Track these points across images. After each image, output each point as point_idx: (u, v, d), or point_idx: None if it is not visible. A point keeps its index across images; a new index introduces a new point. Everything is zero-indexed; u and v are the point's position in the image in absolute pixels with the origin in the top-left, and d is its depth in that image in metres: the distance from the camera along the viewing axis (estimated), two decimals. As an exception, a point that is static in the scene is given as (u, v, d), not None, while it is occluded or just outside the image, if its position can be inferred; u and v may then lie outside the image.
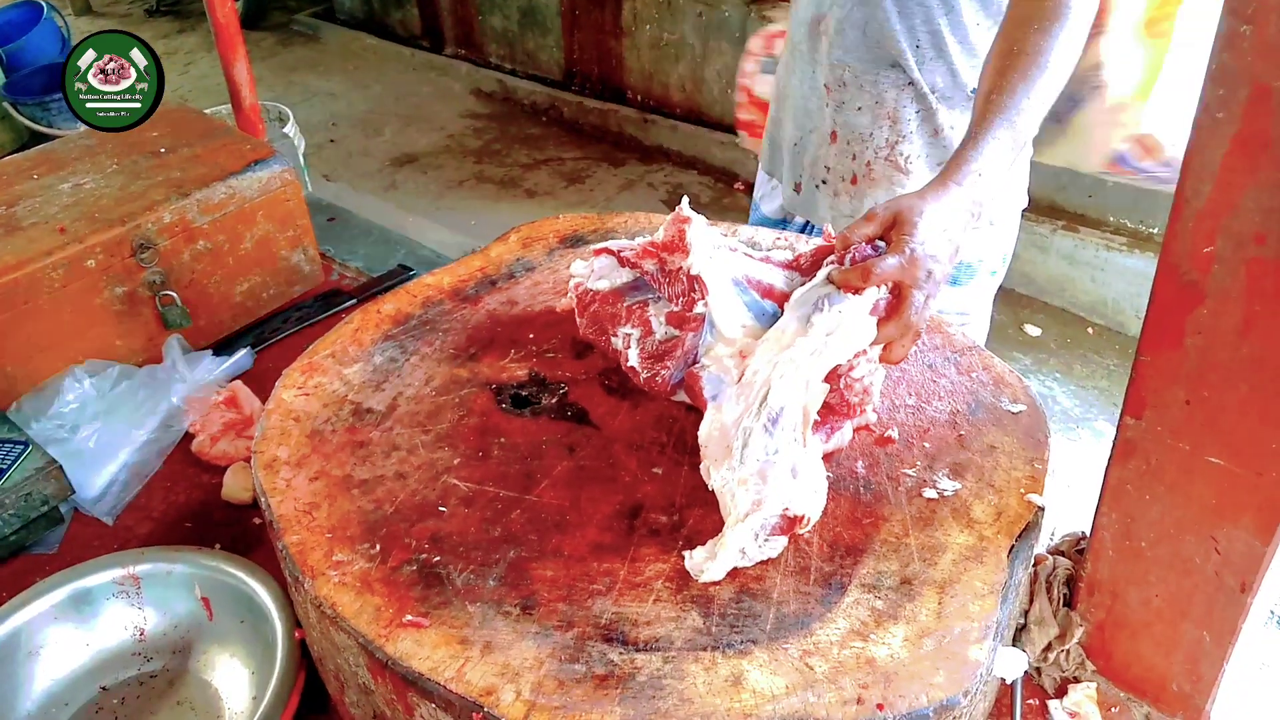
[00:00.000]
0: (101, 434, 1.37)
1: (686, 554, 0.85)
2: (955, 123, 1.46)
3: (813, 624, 0.79)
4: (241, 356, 1.54)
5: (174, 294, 1.54)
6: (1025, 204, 1.61)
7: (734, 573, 0.85)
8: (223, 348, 1.59)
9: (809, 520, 0.88)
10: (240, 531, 1.27)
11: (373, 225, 2.08)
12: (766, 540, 0.86)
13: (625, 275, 1.11)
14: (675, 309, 1.02)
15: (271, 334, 1.66)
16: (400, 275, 1.78)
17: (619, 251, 1.08)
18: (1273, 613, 1.16)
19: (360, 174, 4.98)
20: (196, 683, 1.05)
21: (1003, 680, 1.02)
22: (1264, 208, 0.76)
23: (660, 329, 1.02)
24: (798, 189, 1.64)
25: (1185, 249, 0.82)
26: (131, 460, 1.37)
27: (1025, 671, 1.06)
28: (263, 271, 1.70)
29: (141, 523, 1.31)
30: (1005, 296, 3.76)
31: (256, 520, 1.29)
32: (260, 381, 1.51)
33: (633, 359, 1.03)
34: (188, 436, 1.42)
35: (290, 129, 2.53)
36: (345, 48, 6.64)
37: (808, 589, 0.83)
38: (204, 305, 1.62)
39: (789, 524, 0.87)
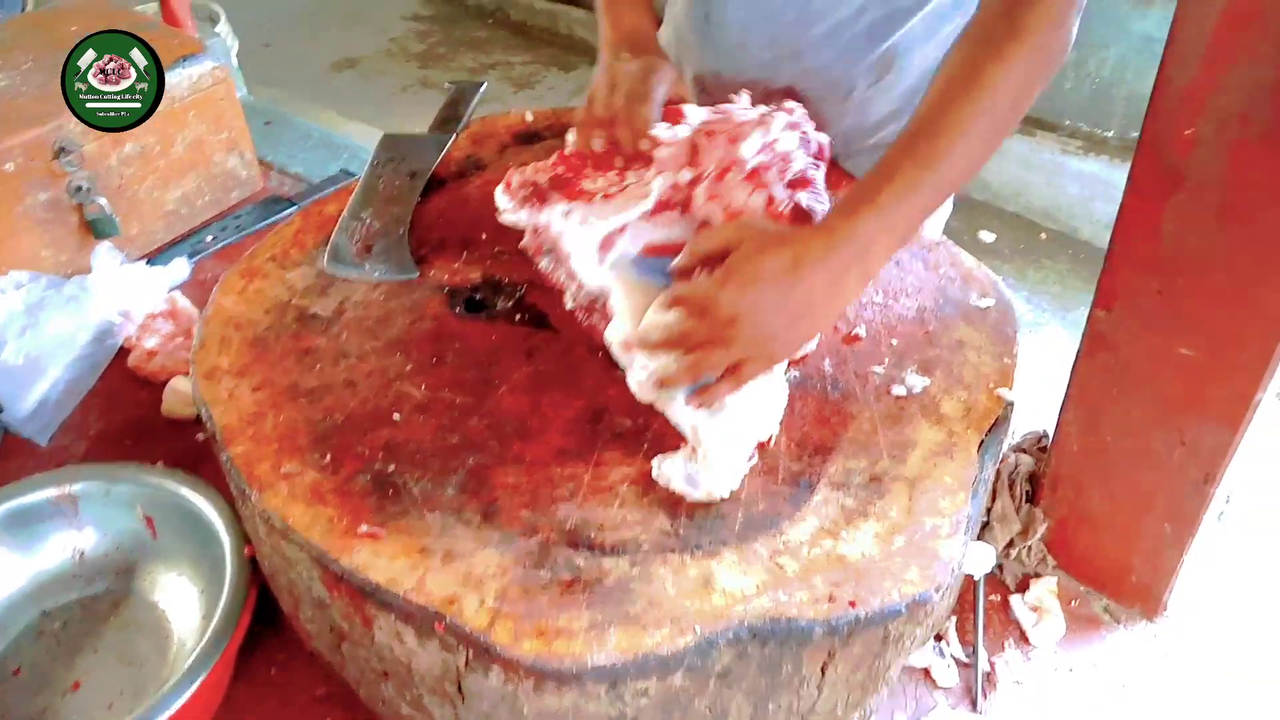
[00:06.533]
0: (29, 349, 1.29)
1: (655, 469, 0.82)
2: None
3: (782, 523, 0.77)
4: (178, 265, 1.47)
5: (102, 200, 1.45)
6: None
7: (702, 475, 0.82)
8: (158, 259, 1.51)
9: (772, 436, 0.85)
10: (184, 448, 1.22)
11: (312, 129, 1.98)
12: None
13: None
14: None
15: (209, 243, 1.58)
16: (343, 181, 1.70)
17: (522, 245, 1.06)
18: (1221, 513, 1.17)
19: (298, 79, 4.76)
20: (142, 604, 1.01)
21: (966, 576, 1.02)
22: (1250, 85, 0.72)
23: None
24: None
25: (1165, 131, 0.79)
26: (64, 376, 1.30)
27: (988, 567, 1.06)
28: (197, 177, 1.61)
29: (77, 442, 1.25)
30: (960, 203, 3.74)
31: (200, 436, 1.24)
32: (198, 292, 1.45)
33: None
34: (123, 351, 1.36)
35: (222, 28, 2.37)
36: (278, -55, 6.30)
37: (776, 488, 0.81)
38: (135, 213, 1.53)
39: (756, 449, 0.84)
